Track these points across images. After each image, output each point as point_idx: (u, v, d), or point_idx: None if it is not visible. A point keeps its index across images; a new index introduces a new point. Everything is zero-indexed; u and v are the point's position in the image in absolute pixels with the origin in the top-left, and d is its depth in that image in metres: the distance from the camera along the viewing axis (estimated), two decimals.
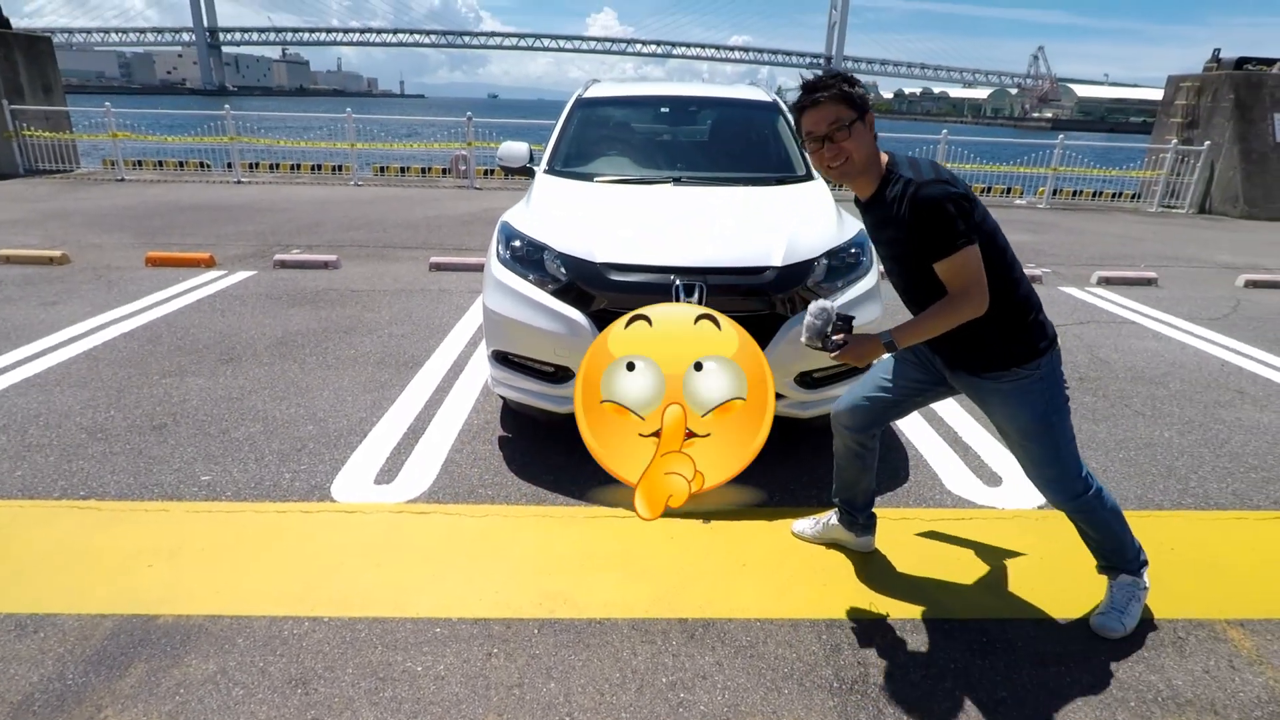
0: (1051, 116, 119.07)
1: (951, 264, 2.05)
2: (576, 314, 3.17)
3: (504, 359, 3.40)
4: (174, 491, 3.16)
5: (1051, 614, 2.53)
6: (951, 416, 4.07)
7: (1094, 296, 7.08)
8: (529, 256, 3.39)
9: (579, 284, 3.21)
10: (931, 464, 3.57)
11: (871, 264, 3.47)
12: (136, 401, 4.03)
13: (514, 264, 3.40)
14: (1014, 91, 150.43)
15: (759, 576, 2.70)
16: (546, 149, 4.58)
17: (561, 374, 3.25)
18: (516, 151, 4.57)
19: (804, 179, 4.28)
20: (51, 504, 3.04)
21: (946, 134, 13.74)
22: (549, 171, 4.34)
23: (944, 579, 2.70)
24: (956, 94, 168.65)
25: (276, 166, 14.62)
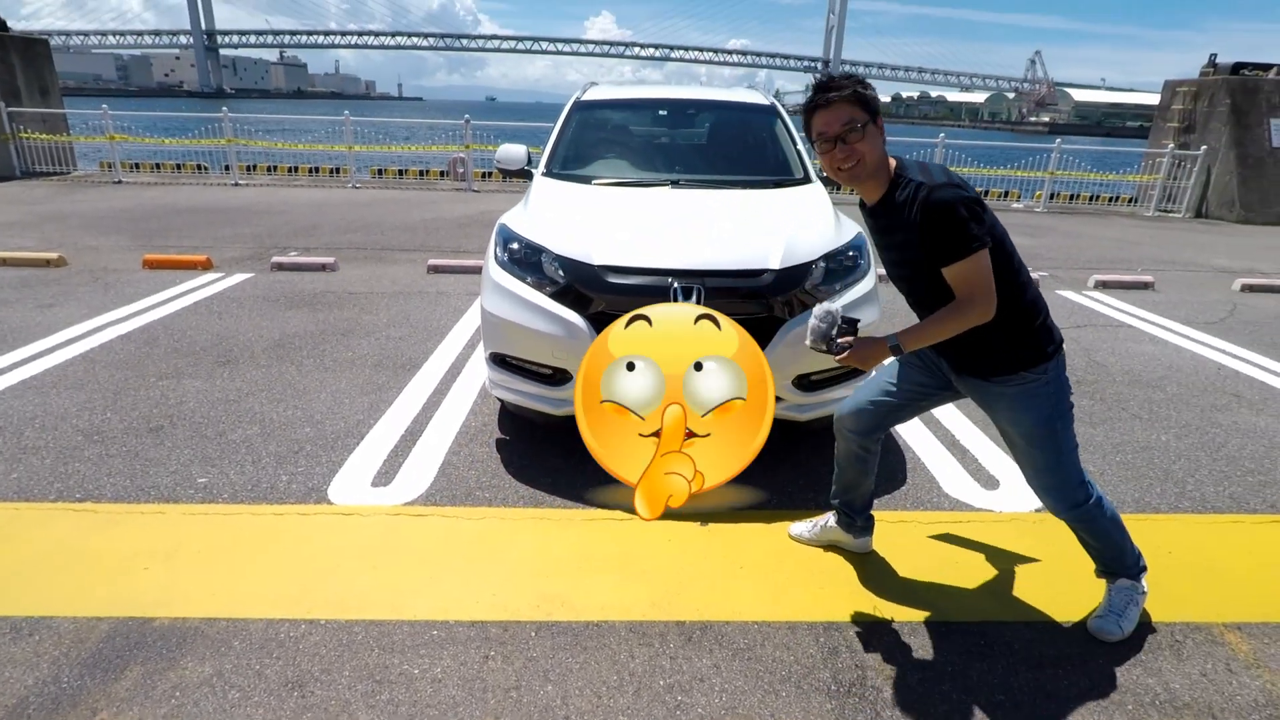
0: (1049, 121, 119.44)
1: (962, 269, 2.05)
2: (574, 316, 3.17)
3: (502, 361, 3.40)
4: (170, 494, 3.15)
5: (1049, 617, 2.53)
6: (949, 420, 4.07)
7: (1091, 300, 7.09)
8: (527, 259, 3.38)
9: (577, 286, 3.21)
10: (929, 467, 3.57)
11: (869, 267, 3.48)
12: (133, 404, 4.02)
13: (512, 266, 3.40)
14: (1011, 96, 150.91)
15: (757, 579, 2.70)
16: (544, 152, 4.57)
17: (559, 376, 3.25)
18: (514, 154, 4.58)
19: (802, 182, 4.28)
20: (47, 506, 3.03)
21: (944, 138, 13.76)
22: (547, 174, 4.34)
23: (942, 582, 2.70)
24: (954, 98, 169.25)
25: (274, 169, 14.63)
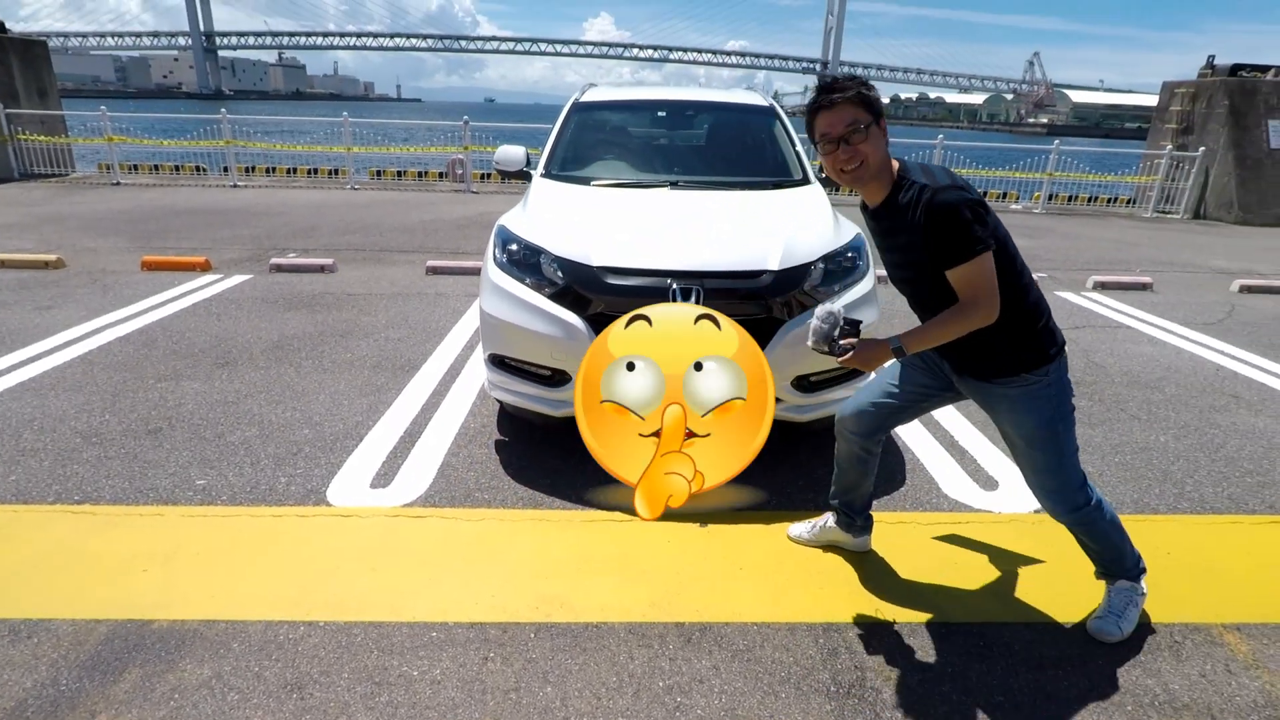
0: (1047, 122, 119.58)
1: (966, 271, 2.04)
2: (573, 318, 3.17)
3: (501, 363, 3.40)
4: (169, 496, 3.15)
5: (1048, 618, 2.53)
6: (948, 421, 4.07)
7: (1090, 301, 7.10)
8: (526, 260, 3.38)
9: (576, 288, 3.21)
10: (928, 468, 3.57)
11: (868, 268, 3.48)
12: (131, 406, 4.01)
13: (511, 268, 3.40)
14: (1010, 97, 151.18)
15: (756, 580, 2.69)
16: (543, 153, 4.57)
17: (558, 377, 3.25)
18: (513, 155, 4.58)
19: (800, 183, 4.28)
20: (46, 508, 3.03)
21: (942, 139, 13.78)
22: (546, 175, 4.34)
23: (941, 583, 2.70)
24: (952, 99, 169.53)
25: (272, 170, 14.61)
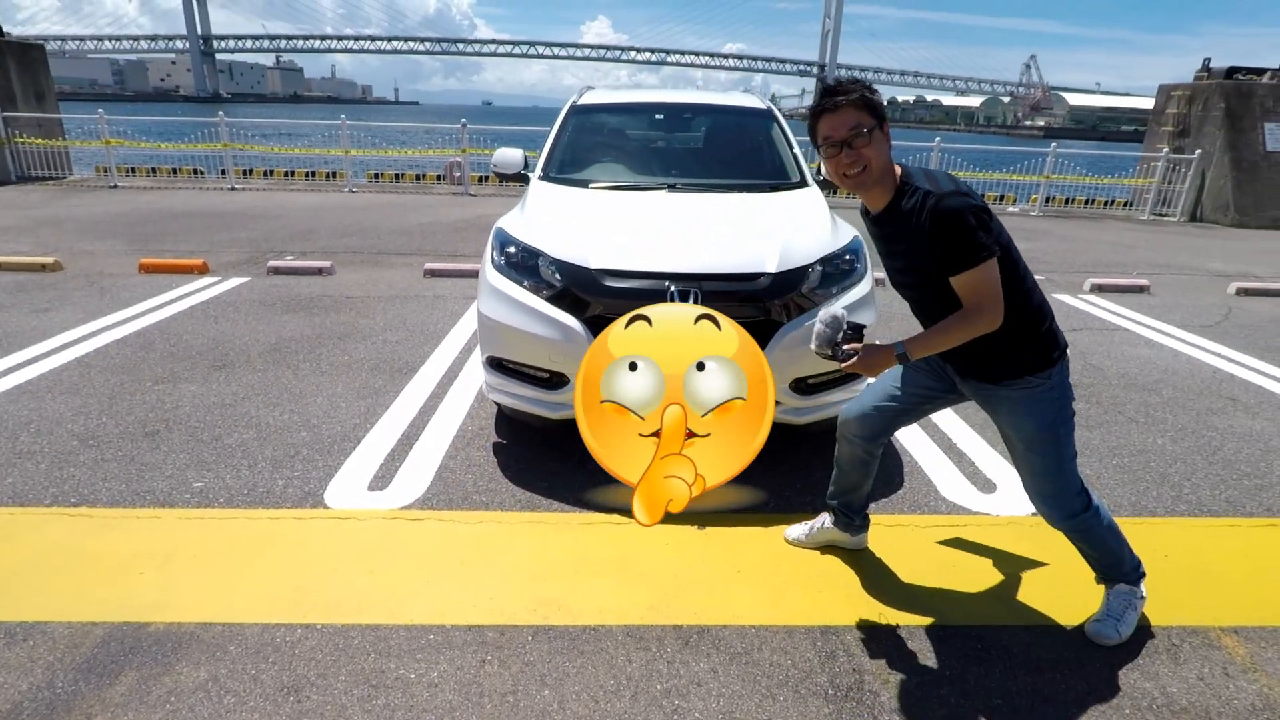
0: (1044, 125, 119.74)
1: (970, 278, 2.04)
2: (571, 320, 3.17)
3: (499, 365, 3.40)
4: (166, 498, 3.14)
5: (1047, 621, 2.53)
6: (947, 424, 4.07)
7: (1087, 303, 7.11)
8: (524, 263, 3.38)
9: (574, 290, 3.21)
10: (927, 470, 3.57)
11: (866, 270, 3.48)
12: (129, 408, 4.01)
13: (509, 270, 3.40)
14: (1007, 100, 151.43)
15: (754, 583, 2.69)
16: (541, 155, 4.57)
17: (556, 380, 3.25)
18: (511, 158, 4.58)
19: (798, 186, 4.29)
20: (43, 511, 3.02)
21: (940, 142, 13.80)
22: (544, 178, 4.34)
23: (939, 585, 2.70)
24: (949, 102, 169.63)
25: (270, 173, 14.62)
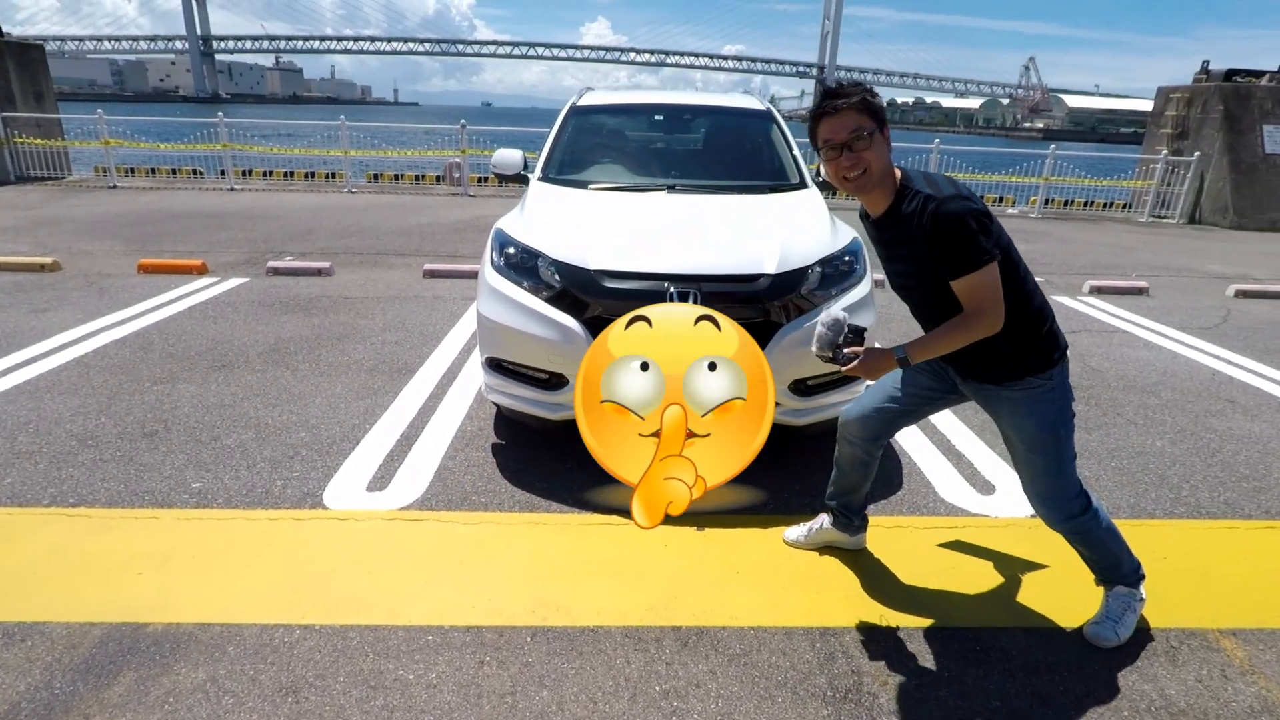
0: (1043, 127, 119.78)
1: (971, 282, 2.04)
2: (571, 321, 3.16)
3: (498, 366, 3.40)
4: (165, 499, 3.14)
5: (1045, 623, 2.53)
6: (945, 425, 4.08)
7: (1086, 305, 7.12)
8: (523, 264, 3.38)
9: (573, 291, 3.21)
10: (925, 472, 3.57)
11: (865, 272, 3.49)
12: (127, 408, 4.00)
13: (508, 271, 3.40)
14: (1006, 102, 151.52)
15: (753, 584, 2.69)
16: (541, 156, 4.57)
17: (555, 381, 3.25)
18: (511, 159, 4.59)
19: (797, 187, 4.29)
20: (41, 511, 3.02)
21: (939, 143, 13.81)
22: (543, 179, 4.34)
23: (938, 587, 2.70)
24: (949, 104, 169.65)
25: (269, 174, 14.62)
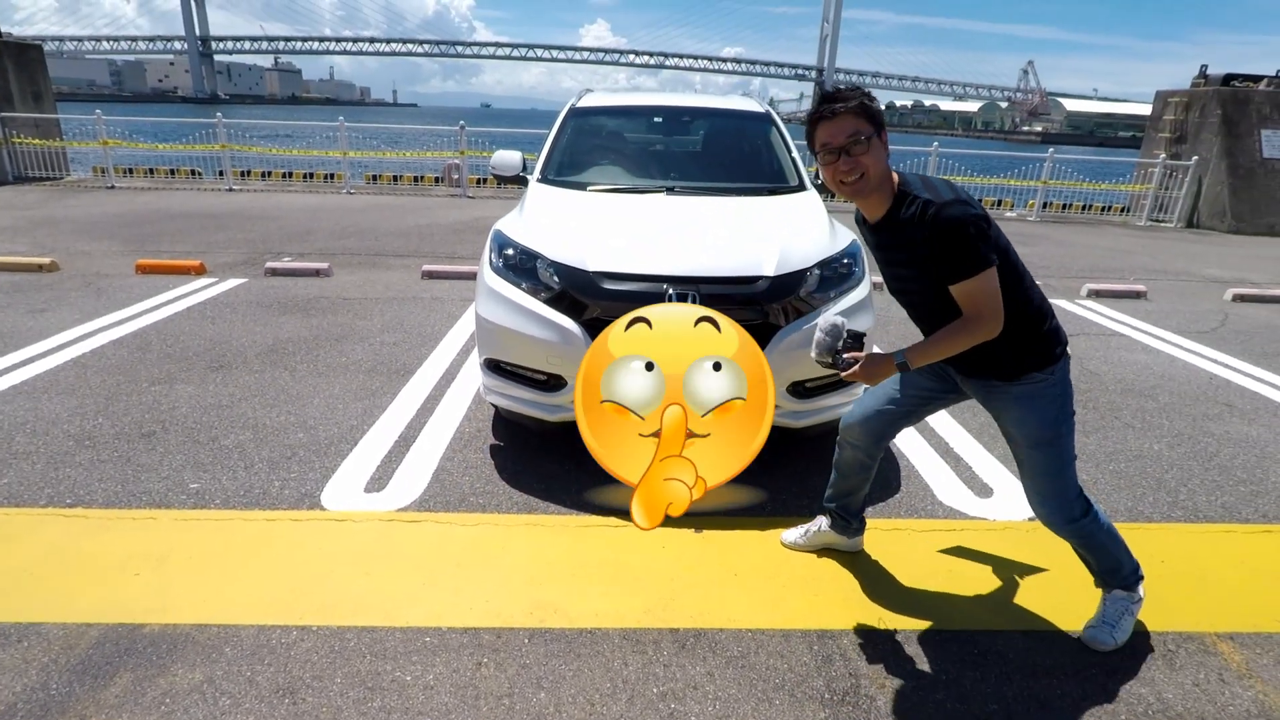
0: (1041, 130, 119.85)
1: (970, 287, 2.04)
2: (569, 322, 3.16)
3: (496, 367, 3.40)
4: (162, 499, 3.13)
5: (1043, 626, 2.53)
6: (944, 428, 4.08)
7: (1084, 309, 7.13)
8: (522, 265, 3.38)
9: (572, 293, 3.21)
10: (923, 475, 3.58)
11: (864, 274, 3.49)
12: (125, 409, 4.00)
13: (507, 272, 3.40)
14: (1004, 105, 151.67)
15: (751, 586, 2.69)
16: (540, 158, 4.58)
17: (554, 382, 3.25)
18: (510, 160, 4.59)
19: (796, 189, 4.30)
20: (38, 511, 3.01)
21: (938, 146, 13.83)
22: (542, 180, 4.34)
23: (936, 590, 2.70)
24: (947, 107, 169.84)
25: (268, 174, 14.62)
